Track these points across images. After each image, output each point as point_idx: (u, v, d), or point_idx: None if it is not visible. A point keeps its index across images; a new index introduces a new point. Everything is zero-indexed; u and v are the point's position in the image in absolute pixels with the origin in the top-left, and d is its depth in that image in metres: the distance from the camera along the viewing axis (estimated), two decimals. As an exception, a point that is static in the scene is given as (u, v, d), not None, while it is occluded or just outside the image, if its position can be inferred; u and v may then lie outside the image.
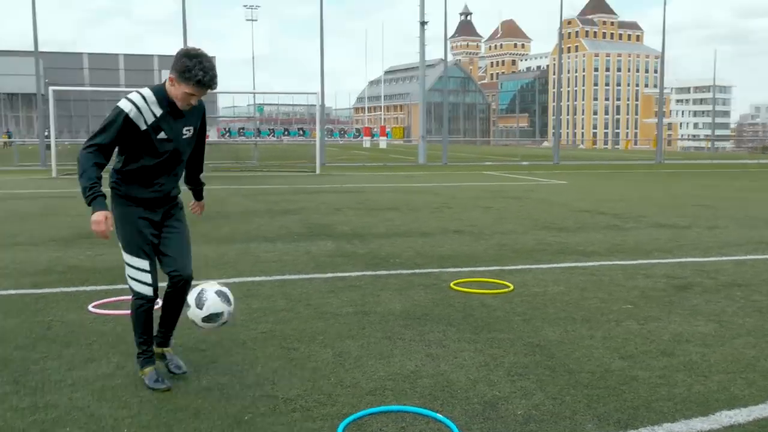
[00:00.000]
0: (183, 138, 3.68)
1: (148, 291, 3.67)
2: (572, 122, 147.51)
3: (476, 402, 3.51)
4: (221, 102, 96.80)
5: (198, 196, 4.23)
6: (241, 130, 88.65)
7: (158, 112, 3.54)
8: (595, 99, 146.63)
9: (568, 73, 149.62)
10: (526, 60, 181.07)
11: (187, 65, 3.46)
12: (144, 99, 3.53)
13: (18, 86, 72.74)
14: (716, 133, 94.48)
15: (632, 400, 3.54)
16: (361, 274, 6.65)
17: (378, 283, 6.22)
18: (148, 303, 3.69)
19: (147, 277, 3.66)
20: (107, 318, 5.06)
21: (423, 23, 34.54)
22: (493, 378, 3.85)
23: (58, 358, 4.16)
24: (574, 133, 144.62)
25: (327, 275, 6.59)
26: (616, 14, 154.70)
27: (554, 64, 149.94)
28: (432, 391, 3.66)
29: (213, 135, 68.28)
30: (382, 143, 62.98)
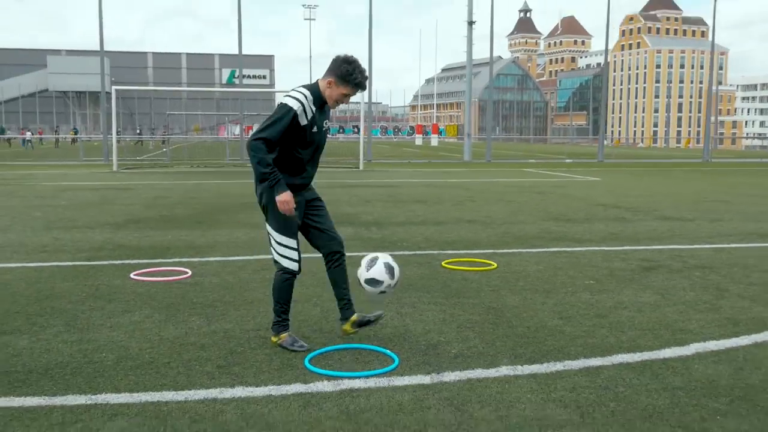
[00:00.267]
0: (324, 131, 4.28)
1: (295, 266, 4.23)
2: (632, 120, 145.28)
3: (423, 344, 4.39)
4: (278, 100, 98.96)
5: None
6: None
7: (314, 109, 4.11)
8: (657, 97, 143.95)
9: (629, 70, 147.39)
10: (586, 57, 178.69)
11: (348, 70, 4.04)
12: (306, 98, 4.07)
13: (85, 84, 76.23)
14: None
15: (550, 346, 4.36)
16: (366, 253, 7.53)
17: (379, 261, 7.10)
18: (293, 277, 4.25)
19: (295, 255, 4.23)
20: (144, 283, 6.10)
21: (471, 23, 35.22)
22: (444, 329, 4.71)
23: (101, 310, 5.19)
24: (634, 132, 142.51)
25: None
26: (680, 9, 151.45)
27: (614, 61, 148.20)
28: (391, 337, 4.55)
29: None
30: (434, 141, 63.71)
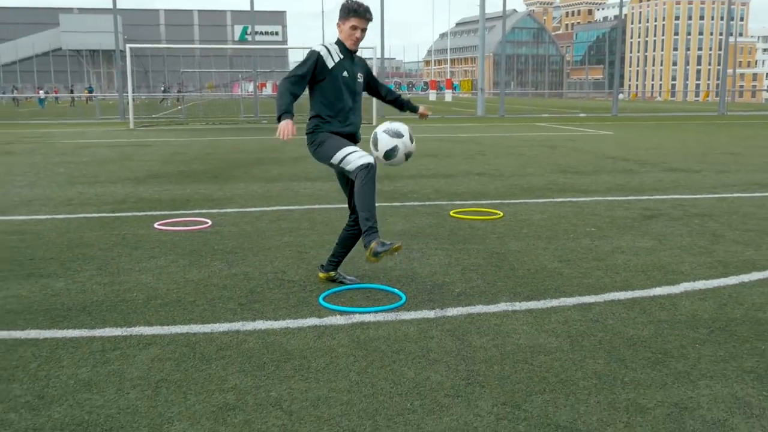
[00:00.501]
0: (358, 81, 4.47)
1: (369, 159, 4.19)
2: (649, 74, 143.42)
3: (429, 284, 4.71)
4: (291, 57, 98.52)
5: (411, 106, 4.89)
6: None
7: (341, 56, 4.37)
8: (675, 49, 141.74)
9: (647, 22, 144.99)
10: (603, 9, 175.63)
11: (345, 5, 4.31)
12: (330, 45, 4.39)
13: (98, 43, 76.15)
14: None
15: (548, 286, 4.67)
16: (379, 204, 7.82)
17: (390, 211, 7.42)
18: (374, 168, 4.18)
19: (360, 152, 4.23)
20: (168, 233, 6.45)
21: (484, -24, 34.84)
22: (450, 271, 5.03)
23: (129, 256, 5.55)
24: (651, 85, 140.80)
25: (350, 205, 7.82)
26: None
27: (632, 13, 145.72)
28: (399, 278, 4.87)
29: (283, 89, 69.84)
30: (448, 96, 63.46)
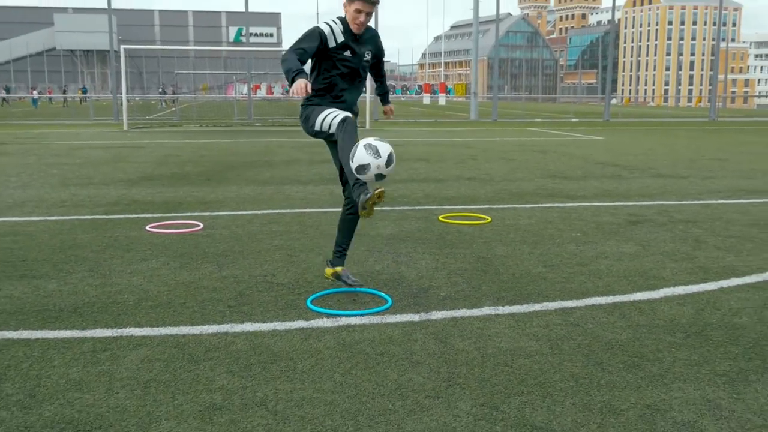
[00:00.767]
0: (364, 60, 4.48)
1: (345, 114, 4.30)
2: (642, 78, 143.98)
3: (414, 287, 4.81)
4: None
5: (385, 100, 5.08)
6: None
7: (344, 36, 4.38)
8: (668, 54, 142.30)
9: (641, 26, 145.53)
10: (597, 13, 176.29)
11: None
12: (334, 23, 4.38)
13: (93, 43, 76.13)
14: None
15: (531, 290, 4.77)
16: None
17: (379, 215, 7.51)
18: (350, 120, 4.28)
19: (338, 112, 4.34)
20: (159, 235, 6.53)
21: (478, -20, 35.02)
22: (436, 276, 5.13)
23: (121, 258, 5.63)
24: (645, 90, 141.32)
25: (340, 209, 7.89)
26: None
27: (626, 18, 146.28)
28: (386, 282, 4.97)
29: (277, 91, 70.09)
30: (441, 100, 63.65)
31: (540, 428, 2.82)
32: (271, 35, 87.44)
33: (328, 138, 4.56)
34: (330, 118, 4.37)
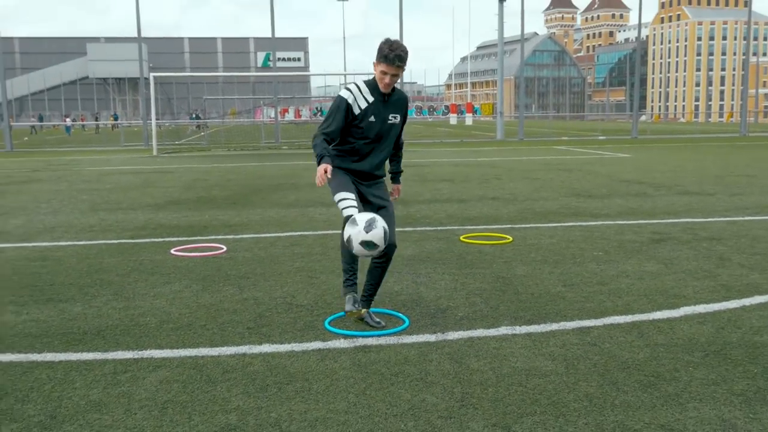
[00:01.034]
0: (388, 122, 4.39)
1: (349, 212, 4.24)
2: (672, 95, 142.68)
3: (432, 308, 4.83)
4: (314, 82, 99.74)
5: (395, 179, 4.93)
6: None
7: (370, 99, 4.32)
8: (698, 70, 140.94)
9: (669, 43, 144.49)
10: (624, 31, 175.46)
11: (380, 47, 4.20)
12: (359, 88, 4.32)
13: (124, 71, 77.62)
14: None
15: (549, 310, 4.76)
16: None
17: (402, 236, 7.53)
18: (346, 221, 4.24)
19: (348, 203, 4.30)
20: (184, 258, 6.64)
21: (501, 0, 35.19)
22: (454, 296, 5.14)
23: (145, 281, 5.73)
24: (675, 106, 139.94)
25: (362, 231, 7.97)
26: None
27: (654, 34, 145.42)
28: (405, 302, 4.99)
29: (305, 114, 70.76)
30: (468, 120, 63.72)
31: (551, 448, 2.81)
32: (299, 59, 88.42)
33: None
34: (342, 205, 4.32)
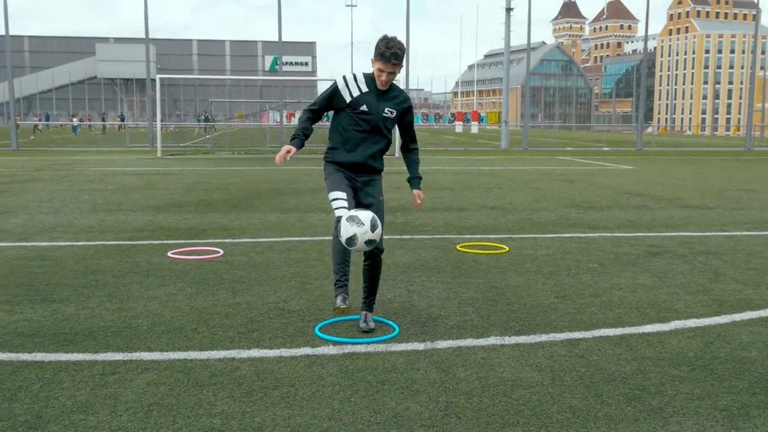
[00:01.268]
0: (383, 115, 4.41)
1: (340, 213, 4.28)
2: (679, 107, 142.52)
3: (424, 317, 4.84)
4: (320, 87, 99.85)
5: (414, 184, 4.68)
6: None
7: (365, 89, 4.37)
8: (705, 83, 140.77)
9: (677, 55, 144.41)
10: (632, 42, 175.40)
11: (377, 44, 4.27)
12: (354, 77, 4.40)
13: (132, 72, 77.91)
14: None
15: (539, 321, 4.78)
16: (389, 237, 8.01)
17: (398, 244, 7.57)
18: (338, 224, 4.27)
19: (340, 203, 4.36)
20: (179, 261, 6.67)
21: (509, 9, 35.27)
22: (446, 305, 5.16)
23: (140, 284, 5.76)
24: (682, 119, 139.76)
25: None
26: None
27: (662, 46, 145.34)
28: (396, 310, 5.01)
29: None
30: (474, 128, 63.76)
31: (531, 459, 2.82)
32: (306, 64, 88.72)
33: None
34: (334, 205, 4.38)
